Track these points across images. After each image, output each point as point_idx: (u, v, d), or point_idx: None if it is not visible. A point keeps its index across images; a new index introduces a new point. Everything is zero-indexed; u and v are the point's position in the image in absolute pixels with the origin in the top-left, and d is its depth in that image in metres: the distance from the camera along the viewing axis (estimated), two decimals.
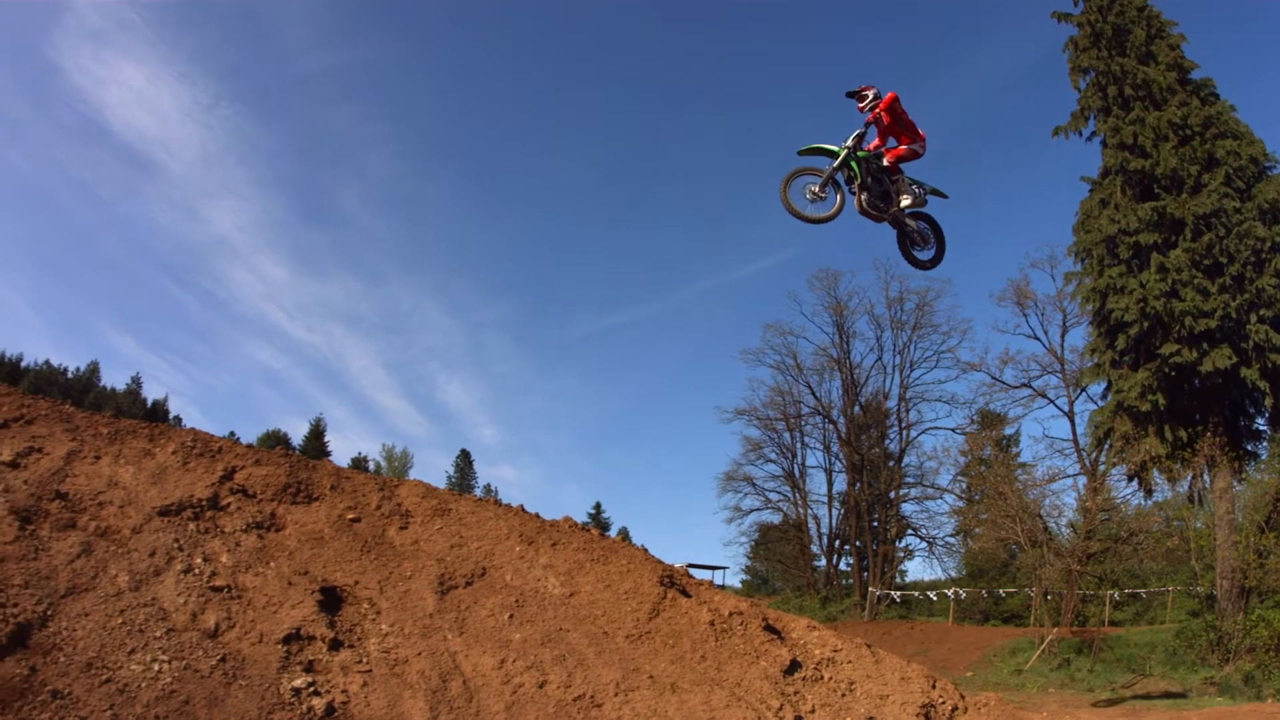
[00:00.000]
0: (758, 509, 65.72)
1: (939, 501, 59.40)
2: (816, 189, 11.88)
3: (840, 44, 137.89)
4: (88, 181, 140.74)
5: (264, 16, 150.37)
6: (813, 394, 63.82)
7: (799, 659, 11.70)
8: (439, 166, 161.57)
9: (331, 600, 9.50)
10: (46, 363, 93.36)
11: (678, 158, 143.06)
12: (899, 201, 12.26)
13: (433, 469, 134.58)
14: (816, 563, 64.57)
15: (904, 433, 61.70)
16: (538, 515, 13.44)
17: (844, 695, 11.37)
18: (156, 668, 7.57)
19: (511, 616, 10.40)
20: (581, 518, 16.31)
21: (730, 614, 11.95)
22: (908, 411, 61.46)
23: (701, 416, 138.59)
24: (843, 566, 62.65)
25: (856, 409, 62.35)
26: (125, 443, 10.53)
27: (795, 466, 65.01)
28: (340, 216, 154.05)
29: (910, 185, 12.36)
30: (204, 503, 10.22)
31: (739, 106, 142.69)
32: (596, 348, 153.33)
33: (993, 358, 65.38)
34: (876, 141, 12.58)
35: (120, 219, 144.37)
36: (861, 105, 12.25)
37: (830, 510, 63.28)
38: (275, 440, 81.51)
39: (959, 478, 56.83)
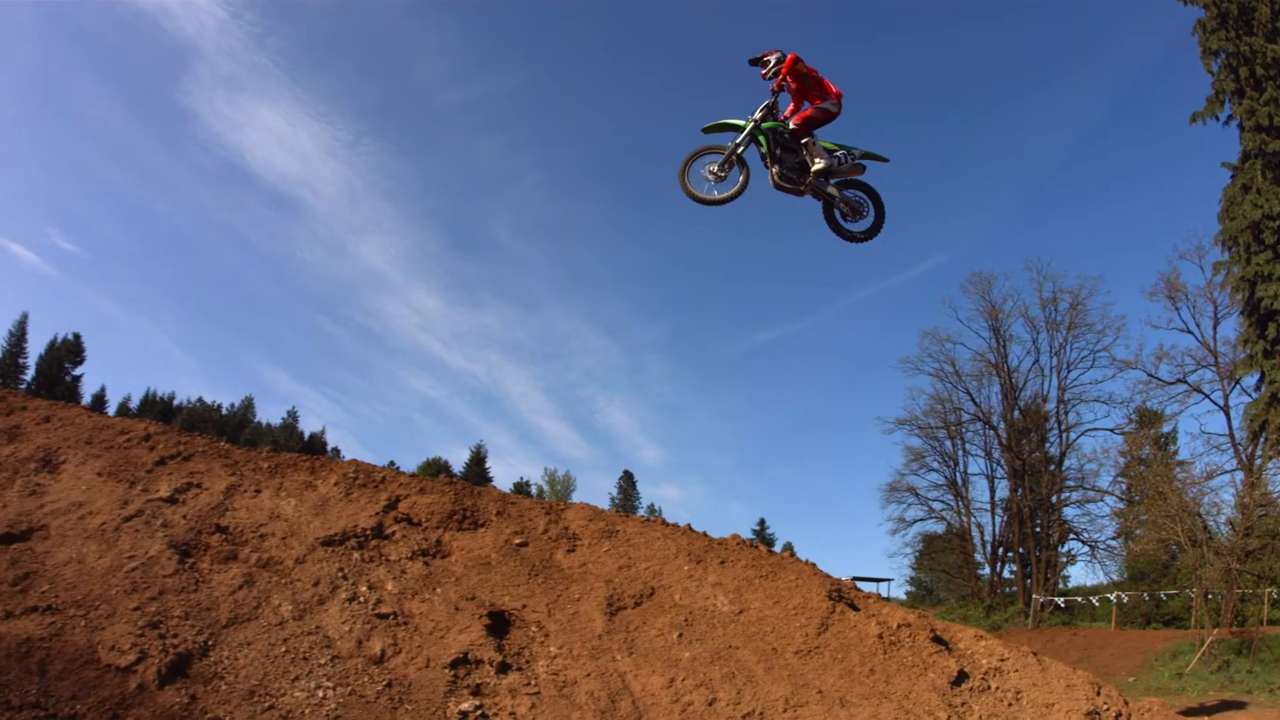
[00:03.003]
0: (921, 519, 61.87)
1: (1100, 504, 55.40)
2: (715, 168, 10.54)
3: (967, 41, 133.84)
4: (232, 224, 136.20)
5: (398, 53, 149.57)
6: (972, 400, 60.07)
7: (966, 669, 10.87)
8: (587, 189, 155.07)
9: (499, 624, 9.02)
10: (200, 400, 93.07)
11: None
12: (811, 167, 10.65)
13: (595, 491, 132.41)
14: (980, 571, 61.81)
15: (1063, 435, 57.73)
16: (705, 534, 12.76)
17: (1010, 705, 10.49)
18: (321, 694, 7.07)
19: (680, 635, 9.77)
20: (746, 534, 15.57)
21: (898, 626, 11.18)
22: (1066, 413, 57.56)
23: (863, 428, 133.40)
24: (1006, 574, 59.80)
25: (1016, 413, 58.81)
26: (286, 476, 10.27)
27: (957, 475, 61.10)
28: (492, 245, 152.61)
29: (832, 151, 10.80)
30: (368, 532, 9.87)
31: (882, 108, 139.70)
32: (755, 364, 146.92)
33: (1148, 354, 61.29)
34: (791, 109, 11.02)
35: (268, 259, 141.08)
36: (764, 73, 10.72)
37: (993, 517, 59.48)
38: (436, 468, 79.45)
39: (1119, 479, 53.59)
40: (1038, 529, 56.23)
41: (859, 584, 13.35)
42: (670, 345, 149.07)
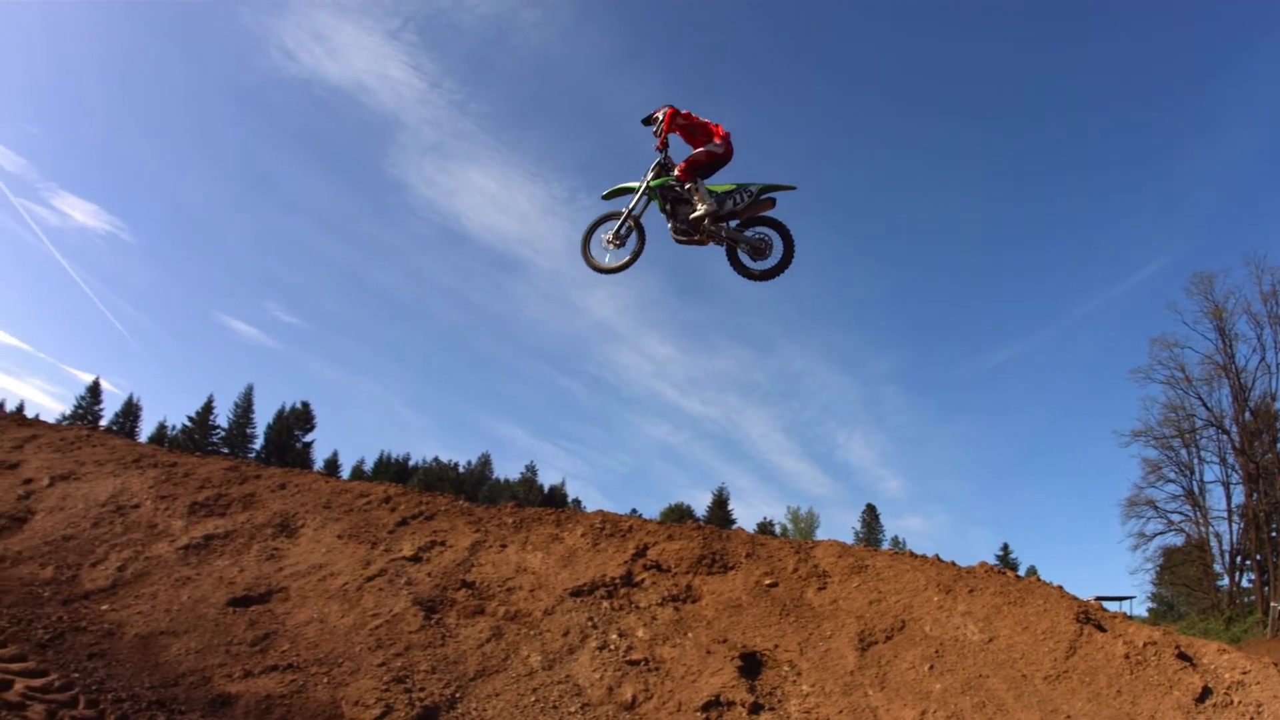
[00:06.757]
0: (1161, 532, 57.01)
1: None
2: (610, 236, 9.87)
3: (1154, 40, 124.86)
4: (455, 286, 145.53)
5: (603, 107, 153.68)
6: (1204, 405, 55.05)
7: (1210, 685, 9.78)
8: (810, 223, 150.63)
9: (751, 665, 8.66)
10: (435, 460, 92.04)
11: (1041, 179, 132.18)
12: (693, 214, 9.78)
13: (839, 526, 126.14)
14: (1219, 582, 55.71)
15: None
16: (953, 563, 12.03)
17: (1251, 719, 9.35)
18: None
19: (931, 667, 9.19)
20: (990, 561, 14.52)
21: (1144, 645, 10.18)
22: None
23: (1100, 443, 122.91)
24: (1245, 583, 54.06)
25: (1247, 415, 53.98)
26: (531, 530, 10.22)
27: (1194, 484, 56.33)
28: (719, 289, 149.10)
29: (726, 193, 9.90)
30: (617, 581, 9.68)
31: (1084, 116, 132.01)
32: (989, 386, 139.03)
33: None
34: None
35: (494, 317, 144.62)
36: (654, 130, 10.02)
37: (1230, 525, 53.90)
38: (679, 514, 78.04)
39: None
40: (1274, 534, 50.58)
41: (1103, 604, 12.16)
42: (904, 375, 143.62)
